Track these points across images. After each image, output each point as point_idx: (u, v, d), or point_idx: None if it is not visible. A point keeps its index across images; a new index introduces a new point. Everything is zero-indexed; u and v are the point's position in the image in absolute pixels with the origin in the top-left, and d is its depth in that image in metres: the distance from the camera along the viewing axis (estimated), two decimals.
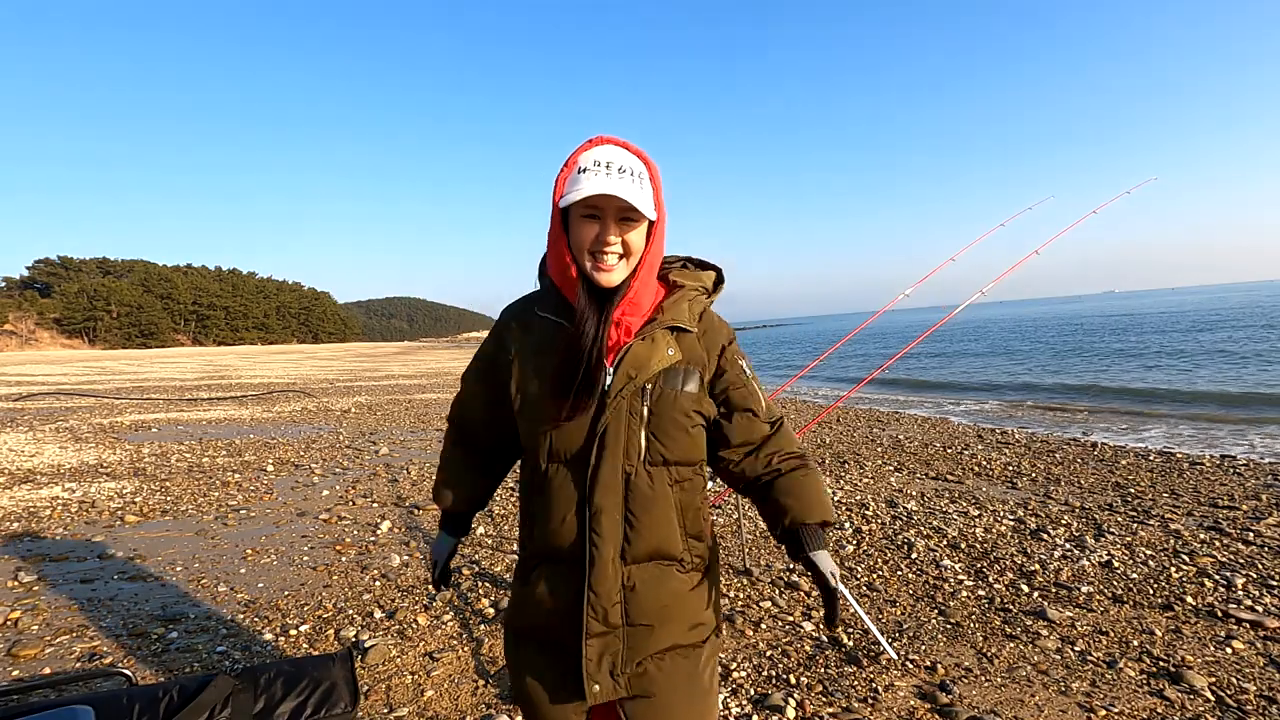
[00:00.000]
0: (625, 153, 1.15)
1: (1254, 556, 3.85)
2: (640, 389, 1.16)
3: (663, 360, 1.17)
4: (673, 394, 1.18)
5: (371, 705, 2.49)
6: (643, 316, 1.21)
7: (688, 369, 1.21)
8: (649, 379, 1.16)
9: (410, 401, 14.51)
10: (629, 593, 1.18)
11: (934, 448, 7.78)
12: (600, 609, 1.15)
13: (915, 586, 3.60)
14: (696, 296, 1.28)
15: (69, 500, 5.56)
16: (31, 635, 3.06)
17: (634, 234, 1.14)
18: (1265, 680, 2.56)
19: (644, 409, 1.16)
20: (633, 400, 1.15)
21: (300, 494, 5.85)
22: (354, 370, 30.13)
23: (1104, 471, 6.25)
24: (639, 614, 1.18)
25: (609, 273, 1.15)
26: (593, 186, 1.08)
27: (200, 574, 3.87)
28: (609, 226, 1.12)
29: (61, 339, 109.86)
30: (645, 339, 1.18)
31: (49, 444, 8.63)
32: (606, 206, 1.11)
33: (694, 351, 1.23)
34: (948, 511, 5.01)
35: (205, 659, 2.84)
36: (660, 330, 1.20)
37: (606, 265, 1.14)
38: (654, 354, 1.17)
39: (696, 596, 1.25)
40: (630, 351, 1.16)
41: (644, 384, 1.16)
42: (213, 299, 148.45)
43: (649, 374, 1.16)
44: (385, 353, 68.55)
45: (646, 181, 1.15)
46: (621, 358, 1.16)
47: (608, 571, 1.15)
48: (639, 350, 1.17)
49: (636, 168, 1.14)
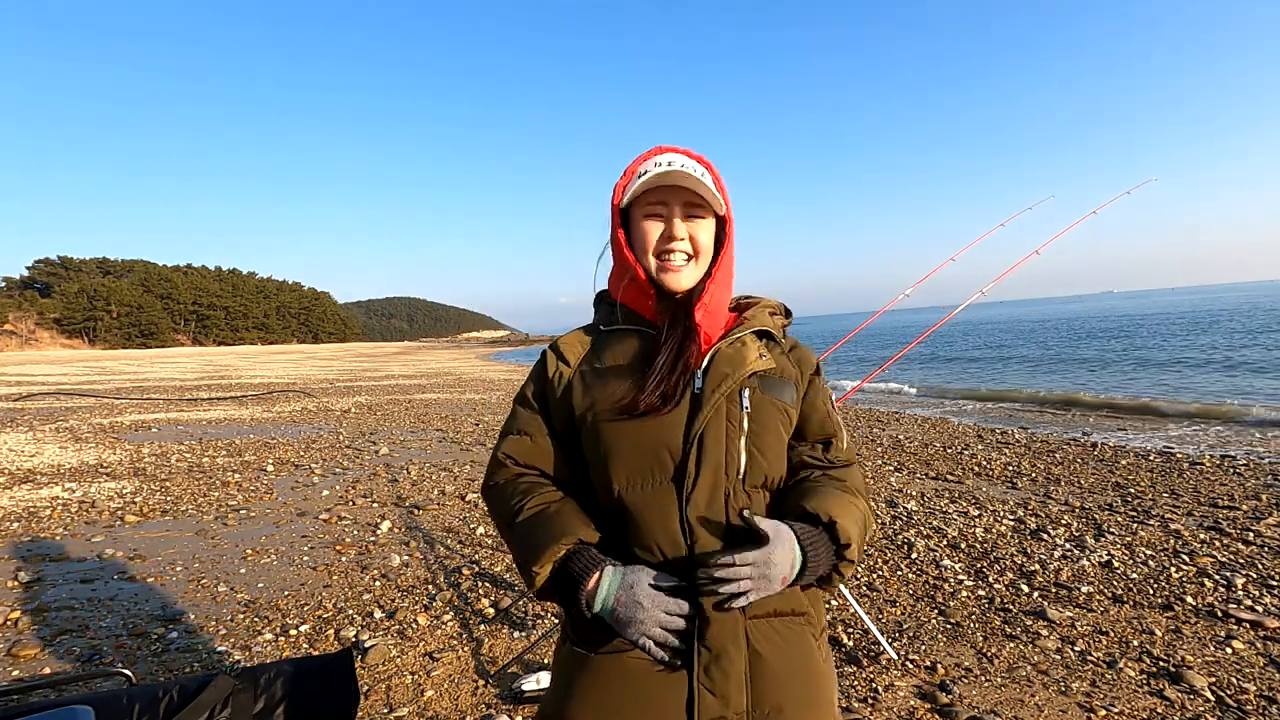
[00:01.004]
0: (686, 157, 1.10)
1: (1254, 556, 3.85)
2: (738, 392, 1.02)
3: (756, 363, 1.05)
4: (771, 403, 1.05)
5: (371, 705, 2.49)
6: (721, 328, 1.11)
7: (782, 378, 1.09)
8: (745, 381, 1.04)
9: (410, 401, 14.51)
10: (754, 659, 0.96)
11: (934, 448, 7.78)
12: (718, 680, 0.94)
13: (915, 586, 3.60)
14: (775, 315, 1.18)
15: (69, 500, 5.56)
16: (31, 635, 3.06)
17: (703, 231, 1.07)
18: (1265, 680, 2.56)
19: (744, 416, 1.01)
20: (730, 404, 1.02)
21: (300, 494, 5.85)
22: (354, 370, 30.13)
23: (1104, 471, 6.25)
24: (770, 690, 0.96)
25: (677, 273, 1.06)
26: (656, 178, 1.03)
27: (200, 574, 3.87)
28: (675, 221, 1.05)
29: (61, 339, 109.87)
30: (734, 342, 1.08)
31: (49, 444, 8.63)
32: (671, 198, 1.05)
33: (785, 363, 1.12)
34: (948, 511, 5.01)
35: (205, 659, 2.84)
36: (748, 335, 1.10)
37: (674, 265, 1.06)
38: (746, 354, 1.06)
39: (829, 668, 1.07)
40: (719, 353, 1.05)
41: (741, 386, 1.03)
42: (213, 299, 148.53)
43: (742, 376, 1.03)
44: (385, 353, 68.57)
45: (710, 181, 1.08)
46: (710, 360, 1.05)
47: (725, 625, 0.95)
48: (728, 352, 1.06)
49: (700, 169, 1.08)
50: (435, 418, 11.34)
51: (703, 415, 0.99)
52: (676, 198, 1.04)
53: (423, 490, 5.94)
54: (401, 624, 3.19)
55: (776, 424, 1.05)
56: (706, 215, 1.07)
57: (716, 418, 1.00)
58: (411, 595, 3.55)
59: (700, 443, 0.98)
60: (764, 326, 1.12)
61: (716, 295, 1.09)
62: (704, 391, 1.02)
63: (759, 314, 1.15)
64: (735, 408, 1.01)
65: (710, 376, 1.03)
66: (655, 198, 1.05)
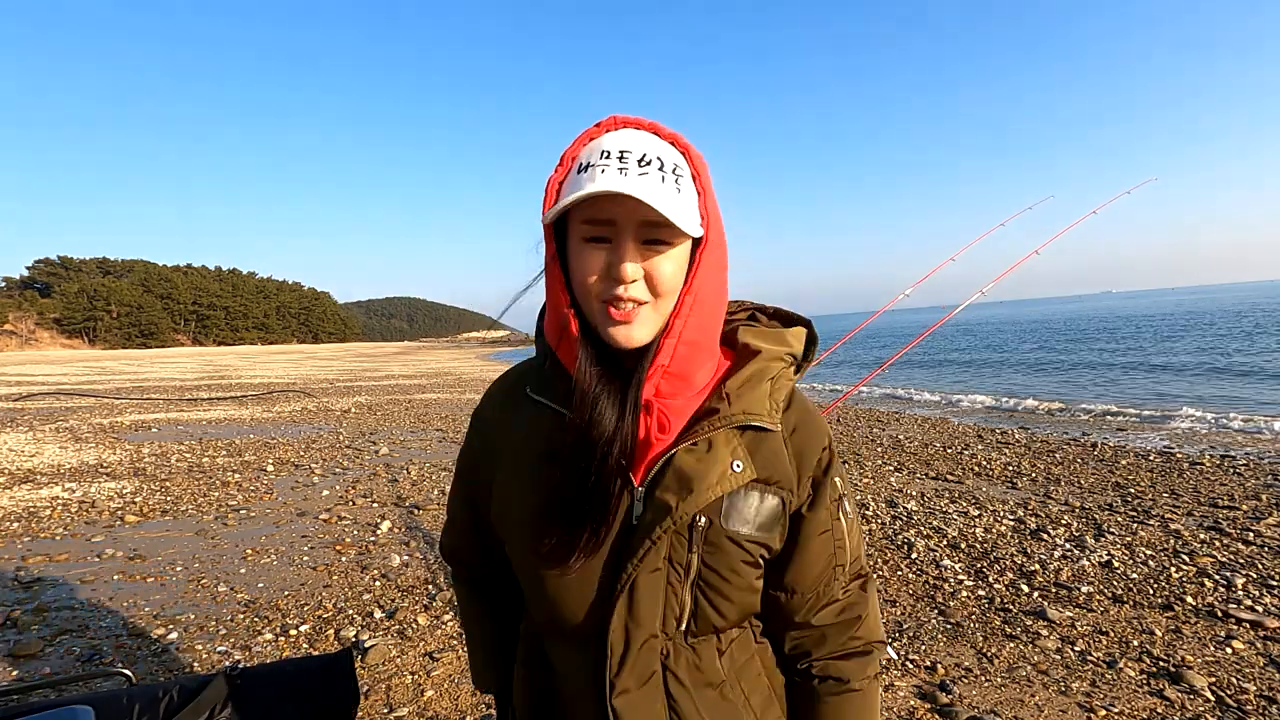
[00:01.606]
0: (652, 138, 0.75)
1: (1254, 556, 3.85)
2: (687, 527, 0.75)
3: (726, 480, 0.75)
4: (737, 536, 0.77)
5: (371, 705, 2.49)
6: (692, 399, 0.79)
7: (764, 494, 0.78)
8: (701, 510, 0.75)
9: (410, 401, 14.51)
10: None
11: (934, 448, 7.78)
12: None
13: (915, 586, 3.60)
14: (781, 372, 0.82)
15: (69, 500, 5.56)
16: (31, 635, 3.06)
17: (667, 262, 0.72)
18: (1265, 680, 2.56)
19: (691, 558, 0.76)
20: (674, 544, 0.76)
21: (300, 494, 5.85)
22: (354, 370, 30.13)
23: (1104, 471, 6.25)
24: None
25: (628, 325, 0.73)
26: (597, 186, 0.69)
27: (200, 574, 3.87)
28: (626, 250, 0.71)
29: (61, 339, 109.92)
30: (697, 444, 0.76)
31: (49, 444, 8.63)
32: (621, 218, 0.71)
33: (776, 465, 0.79)
34: (948, 511, 5.01)
35: (205, 659, 2.84)
36: (725, 431, 0.77)
37: (623, 313, 0.72)
38: (711, 469, 0.75)
39: None
40: (672, 465, 0.76)
41: (693, 518, 0.75)
42: (213, 299, 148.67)
43: (702, 502, 0.74)
44: (385, 353, 68.59)
45: (687, 179, 0.75)
46: (657, 473, 0.76)
47: None
48: (686, 463, 0.75)
49: (669, 158, 0.74)
50: (435, 418, 11.35)
51: (633, 562, 0.75)
52: (626, 215, 0.71)
53: (423, 490, 5.94)
54: (401, 624, 3.19)
55: (741, 565, 0.78)
56: (674, 239, 0.73)
57: (652, 558, 0.75)
58: (411, 595, 3.55)
59: (630, 595, 0.75)
60: (750, 418, 0.78)
61: (685, 354, 0.76)
62: (641, 524, 0.75)
63: (752, 389, 0.79)
64: (681, 547, 0.76)
65: (650, 508, 0.75)
66: (596, 213, 0.72)
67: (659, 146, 0.75)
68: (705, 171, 0.78)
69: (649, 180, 0.71)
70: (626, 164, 0.71)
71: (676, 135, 0.78)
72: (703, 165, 0.78)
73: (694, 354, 0.77)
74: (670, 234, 0.72)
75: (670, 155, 0.75)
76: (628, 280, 0.71)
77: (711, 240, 0.76)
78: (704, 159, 0.80)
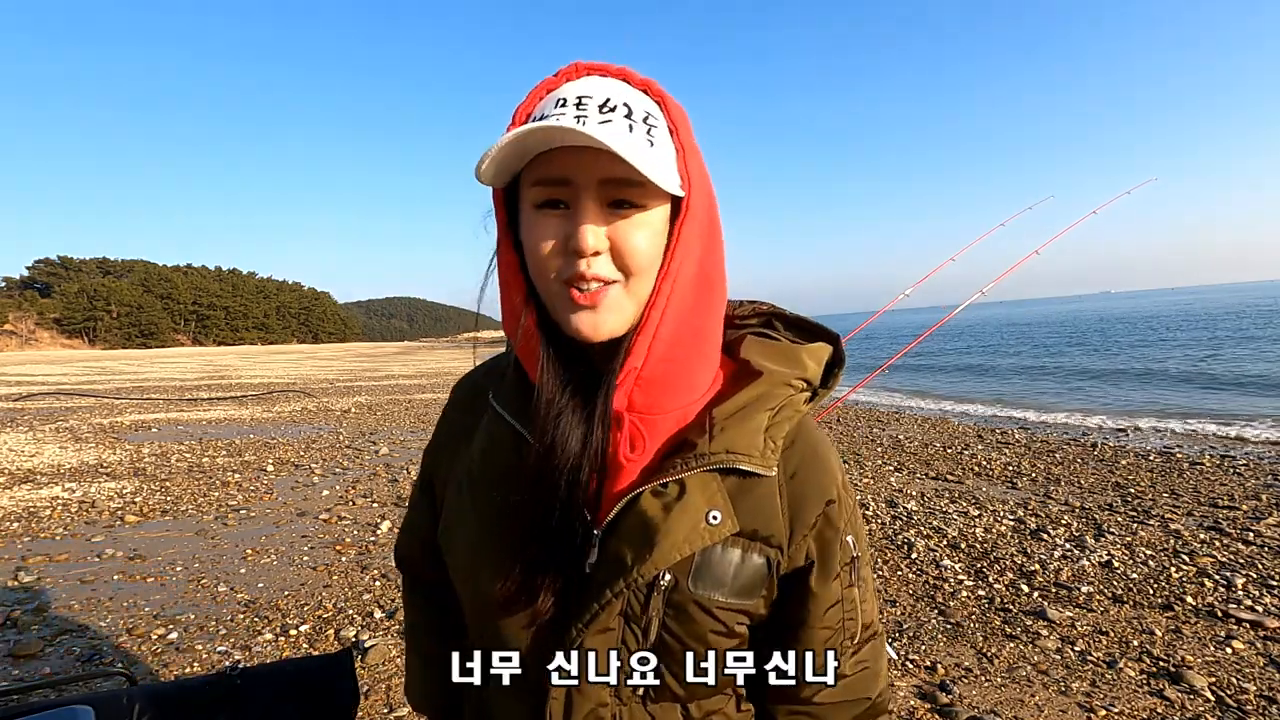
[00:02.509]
0: (619, 84, 0.61)
1: (1254, 556, 3.85)
2: (646, 587, 0.61)
3: (697, 536, 0.61)
4: (708, 602, 0.62)
5: (371, 705, 2.50)
6: (678, 417, 0.65)
7: (747, 552, 0.63)
8: (663, 569, 0.61)
9: (410, 401, 14.51)
10: None
11: (934, 448, 7.78)
12: None
13: (915, 586, 3.60)
14: (790, 400, 0.66)
15: (69, 500, 5.56)
16: (31, 635, 3.06)
17: (638, 230, 0.58)
18: (1265, 680, 2.56)
19: (649, 619, 0.62)
20: (630, 600, 0.62)
21: (300, 494, 5.85)
22: (354, 370, 30.13)
23: (1104, 471, 6.25)
24: None
25: (593, 311, 0.59)
26: (543, 135, 0.56)
27: (200, 574, 3.87)
28: (585, 213, 0.57)
29: (61, 339, 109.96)
30: (667, 486, 0.62)
31: (49, 444, 8.63)
32: (579, 175, 0.57)
33: (765, 516, 0.64)
34: (948, 511, 5.02)
35: (205, 659, 2.85)
36: (700, 475, 0.62)
37: (586, 295, 0.58)
38: (679, 521, 0.61)
39: None
40: (634, 509, 0.62)
41: (652, 579, 0.61)
42: (213, 299, 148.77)
43: (663, 563, 0.60)
44: (385, 353, 68.59)
45: (663, 131, 0.61)
46: (618, 515, 0.63)
47: None
48: (650, 509, 0.61)
49: (639, 105, 0.60)
50: (435, 417, 11.33)
51: (579, 625, 0.62)
52: (585, 170, 0.57)
53: None
54: (401, 624, 3.19)
55: (713, 636, 0.63)
56: (647, 201, 0.58)
57: (604, 618, 0.62)
58: None
59: (577, 657, 0.63)
60: (735, 459, 0.62)
61: (663, 353, 0.61)
62: (593, 578, 0.63)
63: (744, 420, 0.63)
64: (637, 604, 0.62)
65: (606, 557, 0.62)
66: (547, 170, 0.58)
67: (627, 92, 0.61)
68: (686, 125, 0.63)
69: (613, 128, 0.57)
70: (585, 110, 0.57)
71: (650, 81, 0.63)
72: (682, 118, 0.63)
73: (677, 356, 0.62)
74: (641, 194, 0.58)
75: (641, 102, 0.61)
76: (587, 251, 0.57)
77: (695, 208, 0.61)
78: (684, 111, 0.65)
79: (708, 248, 0.63)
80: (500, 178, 0.60)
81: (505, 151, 0.56)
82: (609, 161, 0.55)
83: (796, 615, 0.67)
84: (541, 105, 0.61)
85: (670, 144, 0.61)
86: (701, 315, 0.64)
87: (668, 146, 0.61)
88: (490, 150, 0.56)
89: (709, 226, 0.64)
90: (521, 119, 0.61)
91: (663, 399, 0.63)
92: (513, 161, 0.58)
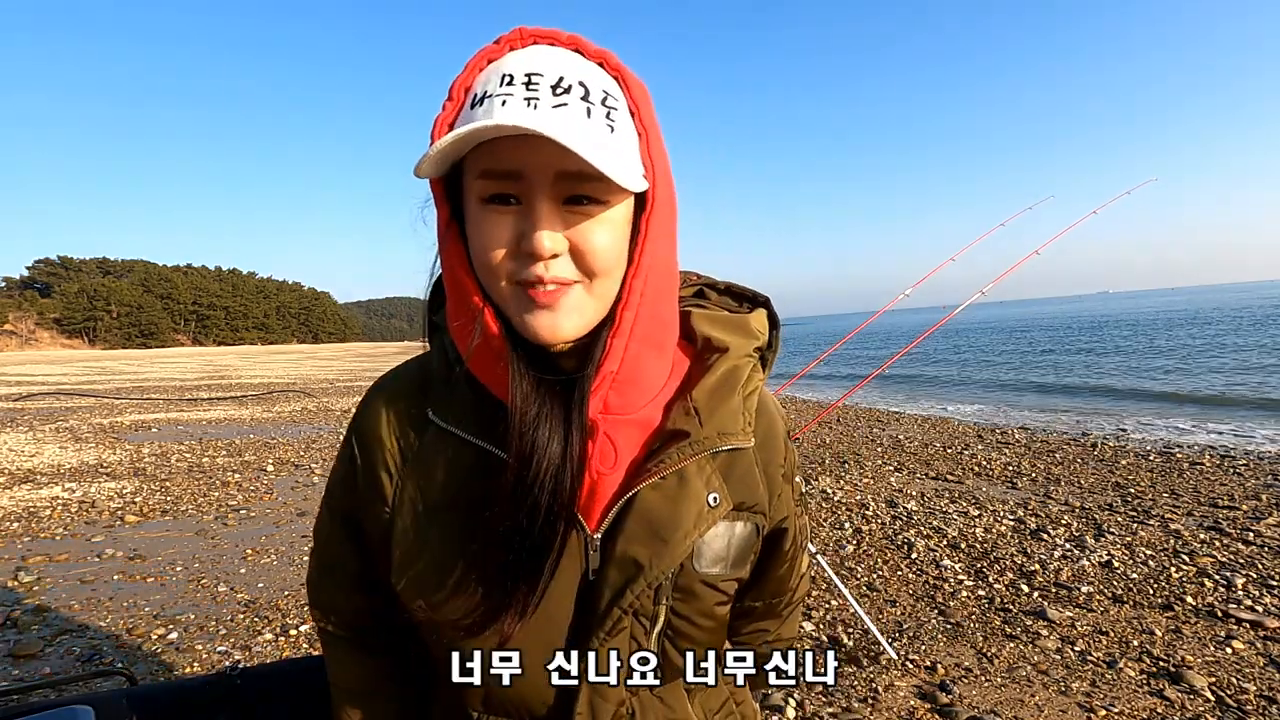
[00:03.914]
0: (573, 57, 0.55)
1: (1254, 556, 3.85)
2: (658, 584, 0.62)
3: (703, 520, 0.62)
4: (712, 579, 0.65)
5: None
6: (653, 408, 0.64)
7: (735, 522, 0.65)
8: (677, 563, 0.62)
9: None
10: None
11: (934, 448, 7.78)
12: None
13: (915, 586, 3.60)
14: (752, 373, 0.67)
15: (69, 500, 5.56)
16: (31, 635, 3.06)
17: (599, 230, 0.54)
18: (1265, 680, 2.56)
19: (659, 609, 0.63)
20: (641, 602, 0.62)
21: (300, 494, 5.84)
22: (354, 370, 30.12)
23: (1104, 471, 6.25)
24: None
25: (551, 312, 0.55)
26: (492, 120, 0.49)
27: (200, 574, 3.87)
28: (540, 214, 0.53)
29: (61, 339, 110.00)
30: (666, 478, 0.61)
31: (49, 444, 8.63)
32: (531, 168, 0.52)
33: (750, 487, 0.66)
34: (948, 511, 5.02)
35: (205, 659, 2.85)
36: (698, 461, 0.62)
37: (544, 298, 0.54)
38: (686, 511, 0.61)
39: None
40: (635, 506, 0.61)
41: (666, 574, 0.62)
42: (213, 299, 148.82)
43: (680, 554, 0.61)
44: (386, 353, 68.59)
45: (623, 113, 0.56)
46: (617, 517, 0.62)
47: None
48: (654, 504, 0.61)
49: (596, 83, 0.54)
50: None
51: (599, 635, 0.62)
52: (538, 162, 0.52)
53: None
54: None
55: (715, 608, 0.67)
56: (610, 196, 0.54)
57: (615, 632, 0.62)
58: None
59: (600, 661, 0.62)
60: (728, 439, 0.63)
61: (638, 352, 0.59)
62: (604, 585, 0.61)
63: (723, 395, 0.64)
64: (647, 600, 0.62)
65: (617, 561, 0.61)
66: (495, 162, 0.52)
67: (583, 67, 0.54)
68: (648, 104, 0.58)
69: (569, 114, 0.51)
70: (536, 91, 0.51)
71: (606, 53, 0.56)
72: (644, 96, 0.58)
73: (649, 353, 0.60)
74: (602, 189, 0.53)
75: (598, 79, 0.54)
76: (544, 255, 0.52)
77: (659, 200, 0.57)
78: (645, 87, 0.58)
79: (668, 236, 0.60)
80: (439, 167, 0.54)
81: (450, 141, 0.50)
82: (565, 152, 0.49)
83: (766, 562, 0.74)
84: (483, 79, 0.54)
85: (632, 128, 0.56)
86: (669, 309, 0.63)
87: (629, 131, 0.55)
88: (430, 152, 0.51)
89: (670, 215, 0.60)
90: (459, 95, 0.55)
91: (636, 398, 0.62)
92: (453, 149, 0.52)
